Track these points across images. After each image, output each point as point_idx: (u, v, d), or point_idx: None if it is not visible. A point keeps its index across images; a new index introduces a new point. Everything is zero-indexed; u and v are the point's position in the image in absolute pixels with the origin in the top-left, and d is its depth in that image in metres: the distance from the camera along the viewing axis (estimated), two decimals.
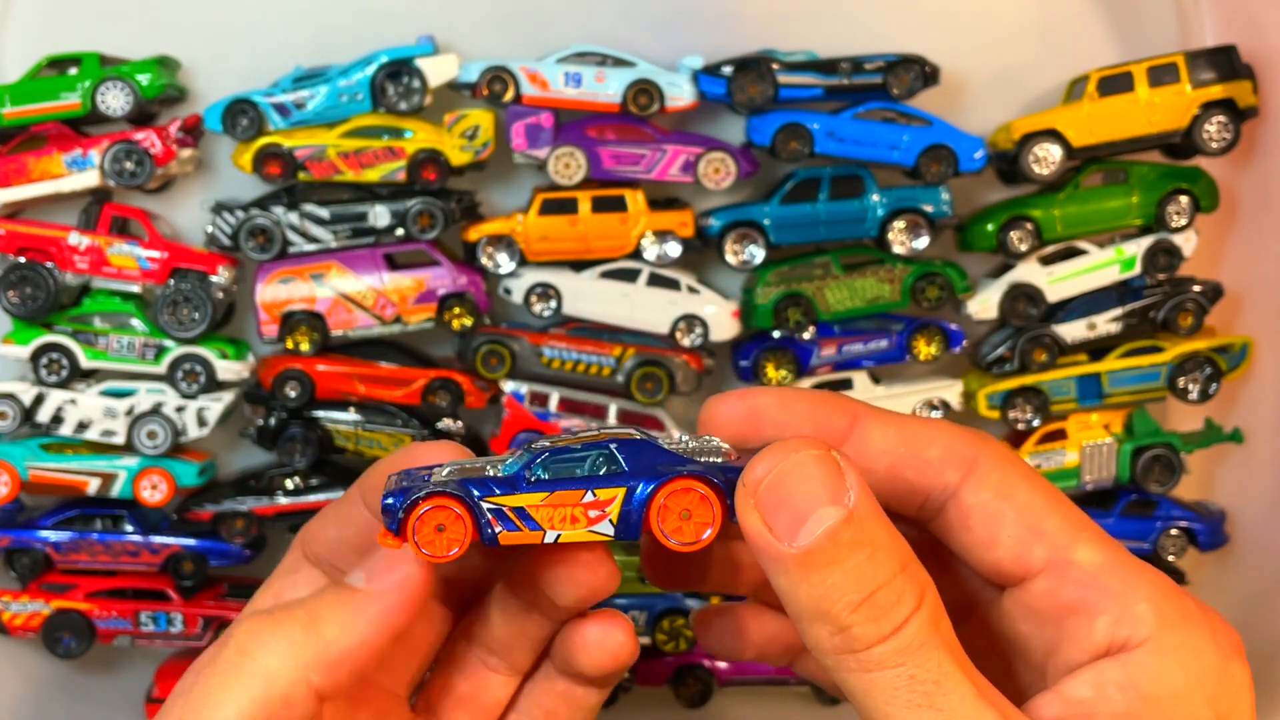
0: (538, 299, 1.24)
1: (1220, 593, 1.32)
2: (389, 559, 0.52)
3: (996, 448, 0.50)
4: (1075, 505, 0.50)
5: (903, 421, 0.51)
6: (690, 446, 0.51)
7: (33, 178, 1.20)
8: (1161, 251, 1.25)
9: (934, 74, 1.21)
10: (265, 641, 0.49)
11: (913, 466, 0.49)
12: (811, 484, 0.45)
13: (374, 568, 0.52)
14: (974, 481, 0.49)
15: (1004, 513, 0.48)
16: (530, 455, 0.50)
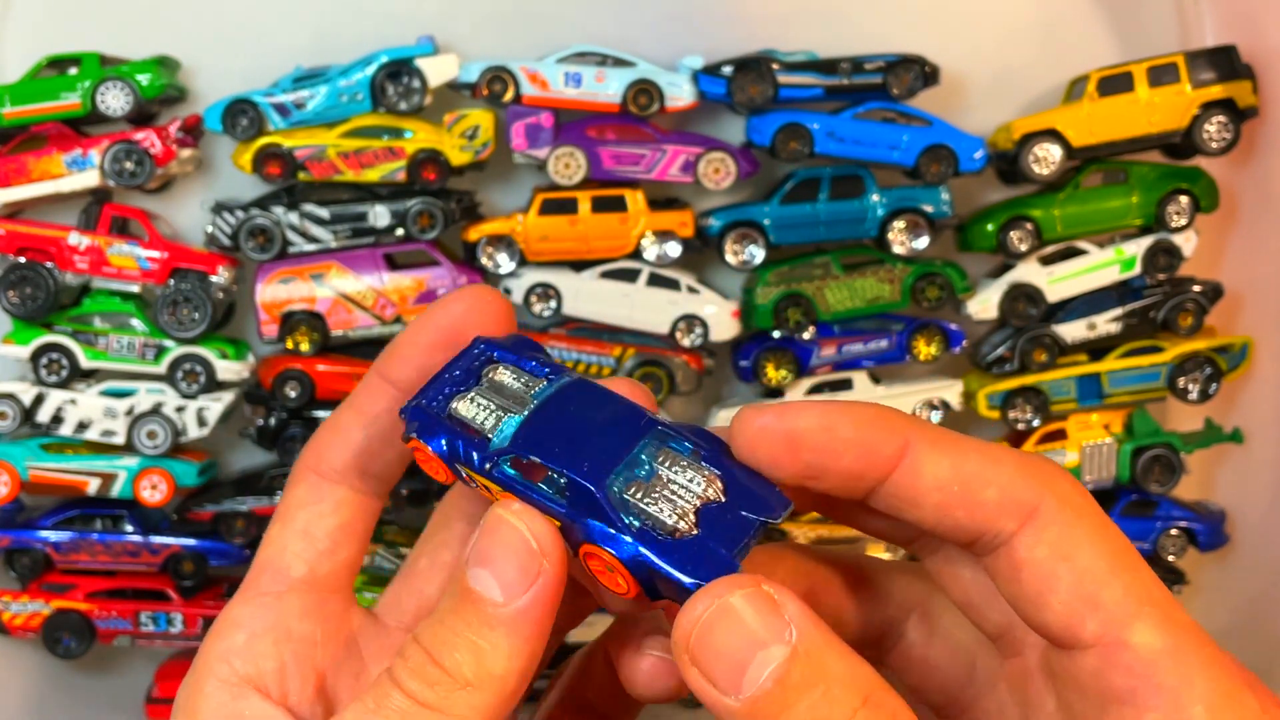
0: (538, 299, 1.24)
1: (1220, 593, 1.32)
2: (517, 557, 0.42)
3: (1064, 493, 0.43)
4: (1147, 569, 0.43)
5: (961, 452, 0.43)
6: (659, 480, 0.44)
7: (33, 178, 1.20)
8: (1161, 251, 1.25)
9: (934, 74, 1.21)
10: (448, 696, 0.42)
11: (964, 507, 0.43)
12: (745, 628, 0.40)
13: (504, 573, 0.42)
14: (1030, 534, 0.42)
15: (1058, 575, 0.42)
16: (520, 432, 0.44)
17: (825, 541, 1.28)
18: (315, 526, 0.50)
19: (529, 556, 0.42)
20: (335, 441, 0.50)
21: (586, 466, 0.43)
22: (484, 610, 0.42)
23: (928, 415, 1.27)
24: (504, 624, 0.42)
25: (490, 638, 0.42)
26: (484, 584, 0.42)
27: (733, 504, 0.43)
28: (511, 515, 0.43)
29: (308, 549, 0.49)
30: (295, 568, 0.49)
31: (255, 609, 0.48)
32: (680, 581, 0.41)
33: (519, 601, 0.42)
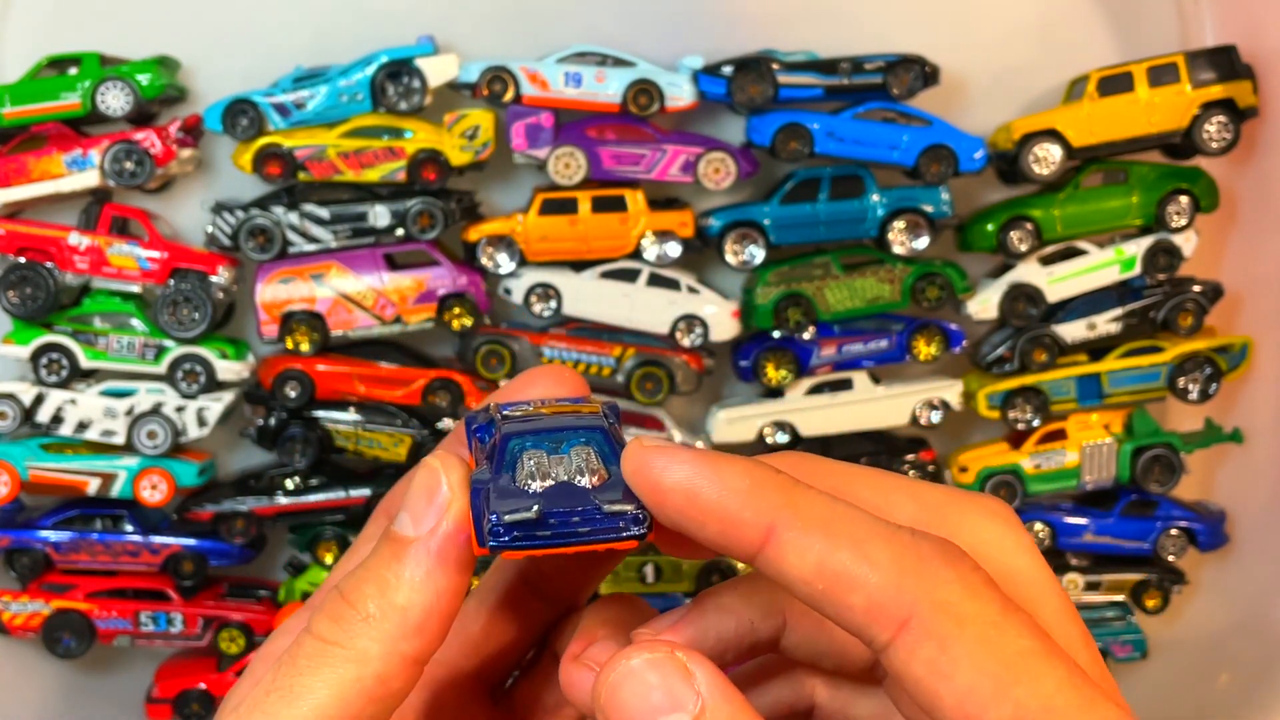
0: (538, 299, 1.24)
1: (1220, 593, 1.32)
2: (429, 493, 0.44)
3: (941, 598, 0.38)
4: (1050, 670, 0.38)
5: (832, 541, 0.39)
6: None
7: (33, 178, 1.20)
8: (1161, 251, 1.25)
9: (934, 74, 1.21)
10: (349, 629, 0.43)
11: (832, 608, 0.39)
12: (650, 694, 0.40)
13: (416, 508, 0.44)
14: (904, 648, 0.38)
15: (939, 694, 0.38)
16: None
17: None
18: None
19: (438, 492, 0.44)
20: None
21: (523, 430, 0.45)
22: (395, 546, 0.44)
23: (928, 415, 1.27)
24: (410, 555, 0.43)
25: (395, 569, 0.43)
26: (401, 524, 0.44)
27: (595, 492, 0.43)
28: (433, 459, 0.44)
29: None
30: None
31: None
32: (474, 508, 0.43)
33: (422, 529, 0.43)
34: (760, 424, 1.27)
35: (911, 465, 1.28)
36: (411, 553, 0.43)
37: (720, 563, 1.27)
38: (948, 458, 1.31)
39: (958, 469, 1.29)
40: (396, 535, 0.44)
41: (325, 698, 0.42)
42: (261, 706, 0.42)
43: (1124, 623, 1.31)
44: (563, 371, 0.50)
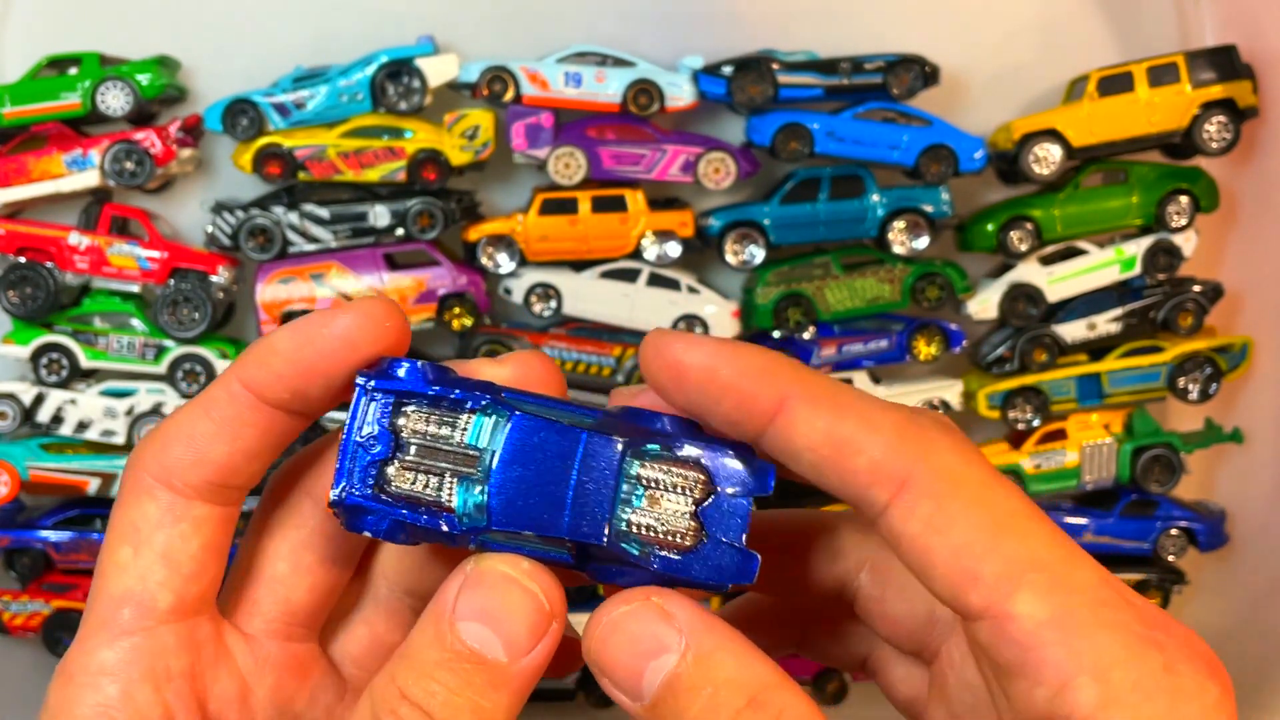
0: (538, 299, 1.24)
1: (1220, 593, 1.32)
2: (515, 601, 0.42)
3: (939, 464, 0.40)
4: (1042, 530, 0.40)
5: (838, 412, 0.41)
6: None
7: (33, 178, 1.20)
8: (1161, 251, 1.25)
9: (934, 74, 1.21)
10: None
11: (835, 472, 0.41)
12: (635, 639, 0.41)
13: (514, 635, 0.41)
14: (902, 507, 0.40)
15: (935, 549, 0.40)
16: (491, 503, 0.42)
17: None
18: (178, 550, 0.43)
19: (540, 617, 0.42)
20: (190, 455, 0.43)
21: (584, 523, 0.42)
22: (486, 669, 0.41)
23: None
24: (508, 684, 0.41)
25: (493, 698, 0.41)
26: (484, 642, 0.41)
27: (722, 491, 0.43)
28: (522, 575, 0.42)
29: (173, 576, 0.44)
30: (162, 598, 0.43)
31: (125, 653, 0.43)
32: (715, 586, 0.43)
33: (524, 661, 0.41)
34: None
35: None
36: (510, 682, 0.41)
37: None
38: None
39: None
40: (479, 657, 0.41)
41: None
42: None
43: None
44: (366, 313, 0.44)
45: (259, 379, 0.43)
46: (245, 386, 0.43)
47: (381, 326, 0.43)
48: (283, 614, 0.46)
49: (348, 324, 0.42)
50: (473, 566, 0.41)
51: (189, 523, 0.44)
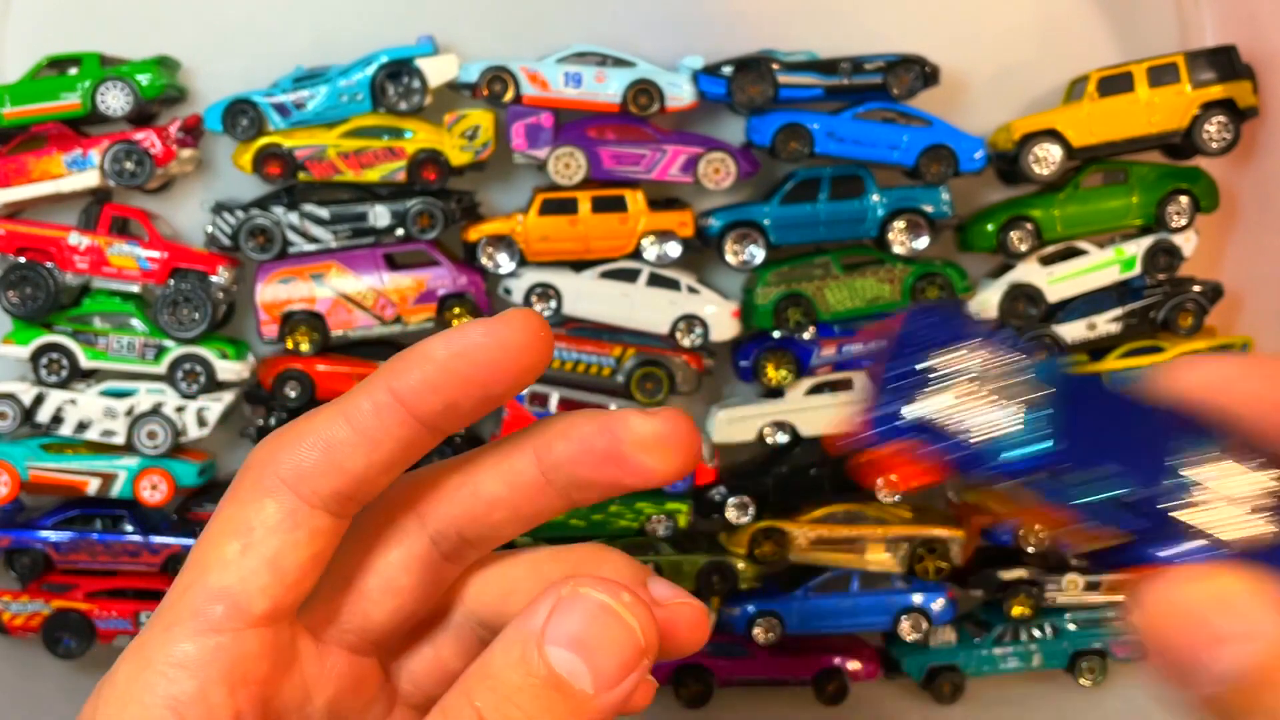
0: (538, 299, 1.24)
1: None
2: (611, 633, 0.39)
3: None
4: None
5: None
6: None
7: (33, 178, 1.20)
8: (1161, 251, 1.25)
9: (934, 74, 1.21)
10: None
11: None
12: (1206, 618, 0.38)
13: (605, 668, 0.39)
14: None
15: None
16: (1058, 436, 0.39)
17: (825, 541, 1.28)
18: (288, 558, 0.42)
19: (635, 654, 0.38)
20: (325, 462, 0.42)
21: (1158, 484, 0.39)
22: (570, 699, 0.38)
23: None
24: (591, 715, 0.38)
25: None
26: (574, 671, 0.38)
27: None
28: (623, 608, 0.39)
29: (275, 584, 0.42)
30: (259, 603, 0.42)
31: (209, 651, 0.41)
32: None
33: (610, 695, 0.38)
34: (760, 424, 1.27)
35: None
36: (595, 714, 0.38)
37: (721, 563, 1.27)
38: None
39: None
40: (566, 685, 0.38)
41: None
42: None
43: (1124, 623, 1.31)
44: (523, 327, 0.42)
45: (411, 388, 0.41)
46: (395, 396, 0.41)
47: (537, 337, 0.41)
48: (362, 629, 0.45)
49: (506, 334, 0.41)
50: (569, 590, 0.39)
51: (306, 531, 0.42)
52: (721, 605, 1.30)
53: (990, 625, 1.32)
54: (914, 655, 1.31)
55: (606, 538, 1.28)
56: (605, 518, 1.27)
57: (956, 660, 1.31)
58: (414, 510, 0.45)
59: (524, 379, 0.41)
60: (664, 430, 0.43)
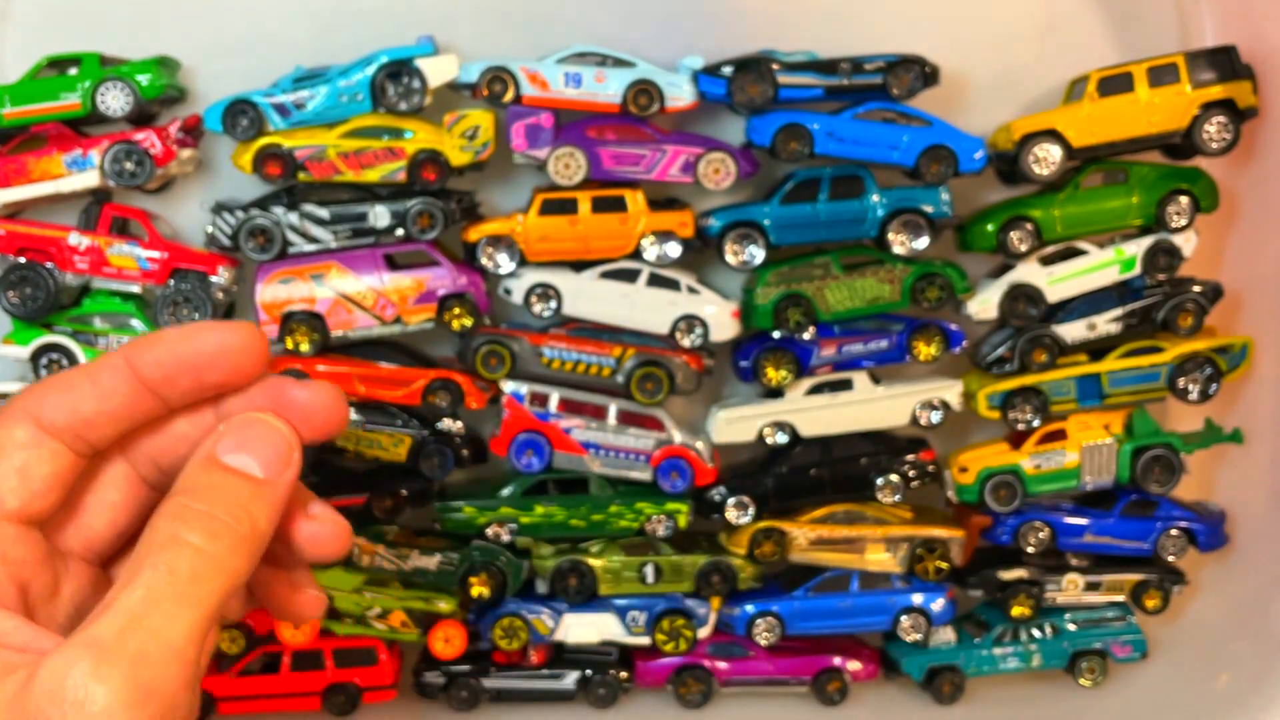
0: (538, 299, 1.24)
1: (1220, 593, 1.32)
2: (266, 435, 0.55)
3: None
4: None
5: None
6: None
7: (33, 178, 1.20)
8: (1161, 252, 1.25)
9: (934, 74, 1.21)
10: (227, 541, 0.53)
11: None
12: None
13: (267, 458, 0.55)
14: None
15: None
16: None
17: (825, 541, 1.28)
18: (33, 468, 0.54)
19: (286, 444, 0.55)
20: (64, 401, 0.55)
21: None
22: (250, 483, 0.54)
23: (928, 415, 1.27)
24: (267, 494, 0.54)
25: (257, 505, 0.54)
26: (245, 464, 0.54)
27: None
28: (268, 417, 0.56)
29: (23, 487, 0.54)
30: (9, 500, 0.54)
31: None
32: None
33: (279, 478, 0.55)
34: (760, 424, 1.27)
35: (911, 465, 1.28)
36: (269, 492, 0.54)
37: (721, 563, 1.27)
38: (948, 458, 1.31)
39: (958, 469, 1.29)
40: (241, 474, 0.54)
41: (208, 593, 0.51)
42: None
43: (1124, 623, 1.31)
44: (249, 336, 0.57)
45: (143, 360, 0.55)
46: (129, 364, 0.55)
47: (253, 348, 0.56)
48: (88, 540, 0.58)
49: (227, 338, 0.55)
50: (228, 421, 0.55)
51: (47, 451, 0.55)
52: (721, 605, 1.30)
53: (990, 625, 1.32)
54: (914, 655, 1.31)
55: (607, 538, 1.28)
56: (605, 518, 1.27)
57: (956, 660, 1.30)
58: (123, 447, 0.58)
59: (235, 378, 0.56)
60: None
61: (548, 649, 1.31)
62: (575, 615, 1.28)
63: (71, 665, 0.47)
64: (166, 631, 0.49)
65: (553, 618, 1.27)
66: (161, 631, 0.48)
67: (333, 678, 1.26)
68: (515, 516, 1.26)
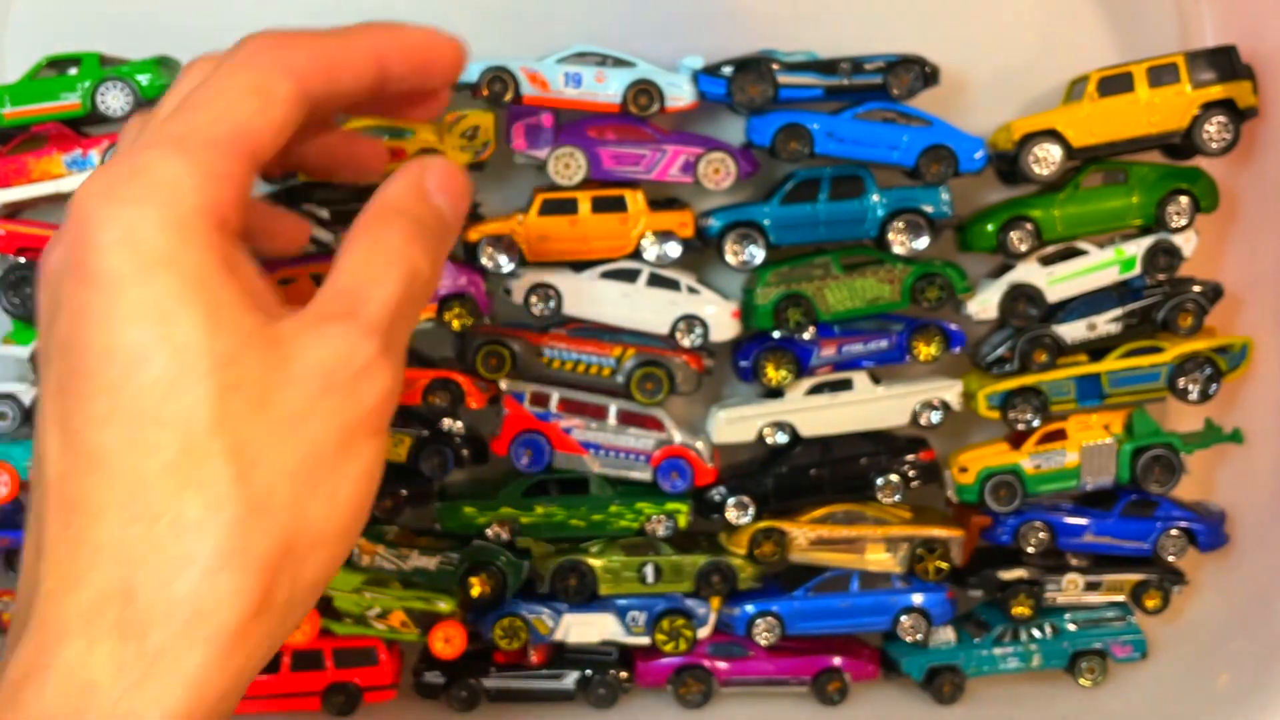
0: (538, 299, 1.24)
1: (1220, 593, 1.33)
2: (462, 186, 0.66)
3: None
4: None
5: None
6: None
7: (33, 178, 1.20)
8: (1161, 252, 1.25)
9: (934, 74, 1.21)
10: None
11: None
12: None
13: (456, 196, 0.64)
14: None
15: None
16: None
17: (824, 541, 1.28)
18: (281, 120, 0.57)
19: (466, 202, 0.66)
20: (318, 66, 0.59)
21: None
22: (441, 221, 0.62)
23: (928, 415, 1.27)
24: (449, 240, 0.63)
25: (443, 249, 0.62)
26: (442, 204, 0.62)
27: None
28: (461, 168, 0.65)
29: (275, 141, 0.56)
30: (264, 149, 0.56)
31: (241, 124, 0.55)
32: None
33: (457, 228, 0.65)
34: (760, 424, 1.27)
35: (911, 465, 1.28)
36: (453, 225, 0.65)
37: (721, 563, 1.27)
38: (948, 458, 1.31)
39: (958, 469, 1.29)
40: (442, 214, 0.64)
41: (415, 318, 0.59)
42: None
43: (1124, 623, 1.31)
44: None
45: (384, 45, 0.65)
46: (374, 44, 0.65)
47: (460, 63, 0.70)
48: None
49: (455, 44, 0.71)
50: (429, 159, 0.66)
51: (294, 107, 0.58)
52: (721, 605, 1.30)
53: (990, 625, 1.32)
54: (914, 655, 1.31)
55: (607, 538, 1.28)
56: (605, 518, 1.27)
57: (956, 660, 1.31)
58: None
59: (448, 77, 0.72)
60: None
61: (548, 649, 1.31)
62: (575, 615, 1.28)
63: (349, 337, 0.52)
64: (404, 342, 0.55)
65: (553, 618, 1.27)
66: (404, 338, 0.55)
67: (332, 678, 1.26)
68: (515, 516, 1.26)
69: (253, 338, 0.48)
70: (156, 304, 0.47)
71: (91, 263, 0.47)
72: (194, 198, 0.49)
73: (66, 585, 0.45)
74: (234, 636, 0.46)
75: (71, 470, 0.47)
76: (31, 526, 0.50)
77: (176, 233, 0.48)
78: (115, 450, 0.46)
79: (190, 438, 0.46)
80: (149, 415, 0.46)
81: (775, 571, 1.33)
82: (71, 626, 0.44)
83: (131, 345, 0.46)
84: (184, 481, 0.46)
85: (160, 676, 0.44)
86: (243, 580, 0.46)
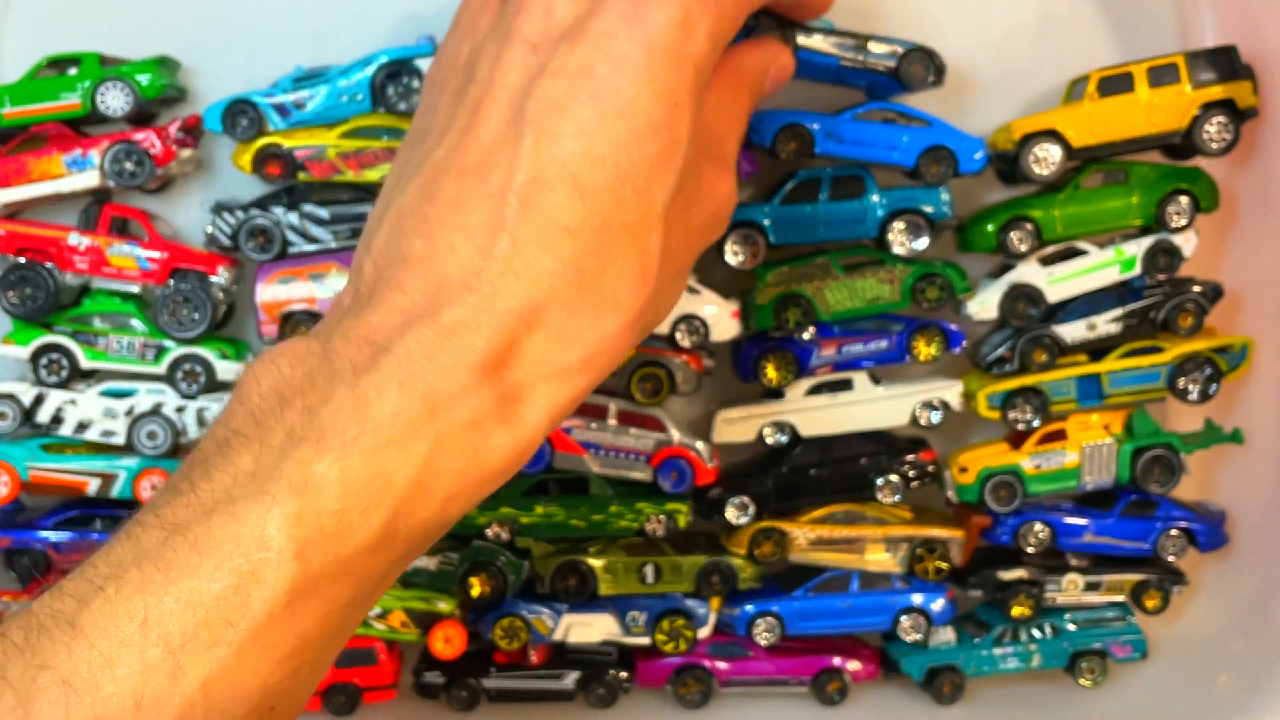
0: None
1: (1220, 593, 1.33)
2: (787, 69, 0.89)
3: None
4: None
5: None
6: None
7: (33, 178, 1.21)
8: (1162, 252, 1.25)
9: (941, 71, 1.20)
10: None
11: None
12: None
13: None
14: None
15: None
16: None
17: (824, 541, 1.28)
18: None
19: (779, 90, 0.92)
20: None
21: None
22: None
23: (928, 416, 1.27)
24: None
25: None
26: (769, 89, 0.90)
27: None
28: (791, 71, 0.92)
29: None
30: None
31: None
32: None
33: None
34: (760, 424, 1.27)
35: (911, 465, 1.28)
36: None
37: (721, 563, 1.27)
38: (948, 458, 1.31)
39: (958, 469, 1.29)
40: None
41: None
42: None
43: (1124, 623, 1.31)
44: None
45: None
46: None
47: None
48: None
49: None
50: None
51: None
52: (721, 605, 1.30)
53: (990, 625, 1.32)
54: (914, 655, 1.31)
55: (606, 538, 1.28)
56: (605, 518, 1.27)
57: (956, 660, 1.31)
58: None
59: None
60: None
61: (548, 649, 1.31)
62: (575, 615, 1.28)
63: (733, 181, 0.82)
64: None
65: (553, 618, 1.27)
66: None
67: (332, 678, 1.26)
68: (515, 516, 1.26)
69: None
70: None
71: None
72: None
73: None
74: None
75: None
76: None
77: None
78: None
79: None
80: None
81: (775, 572, 1.33)
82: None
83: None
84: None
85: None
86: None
